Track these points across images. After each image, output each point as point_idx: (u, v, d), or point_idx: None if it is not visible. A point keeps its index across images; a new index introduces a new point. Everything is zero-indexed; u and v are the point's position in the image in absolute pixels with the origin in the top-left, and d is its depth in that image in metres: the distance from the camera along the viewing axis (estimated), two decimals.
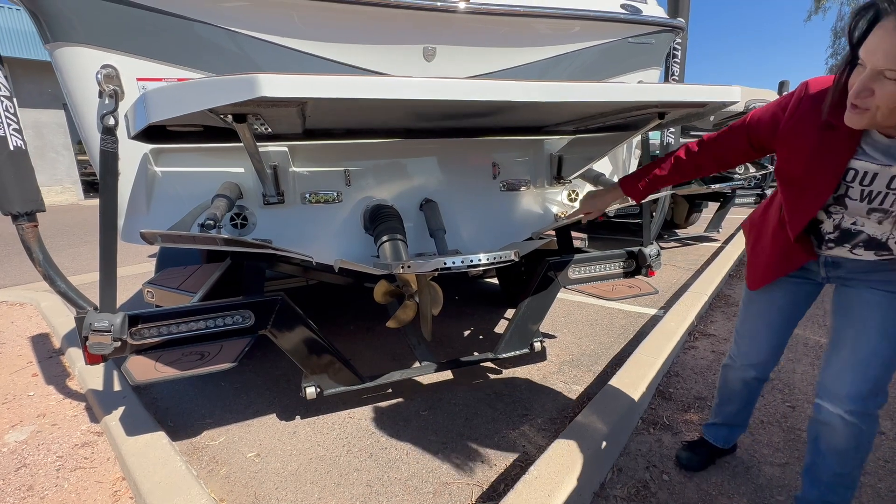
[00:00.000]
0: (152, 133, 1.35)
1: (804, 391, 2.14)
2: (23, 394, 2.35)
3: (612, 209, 2.04)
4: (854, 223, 1.13)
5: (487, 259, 1.34)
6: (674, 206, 5.94)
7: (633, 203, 1.81)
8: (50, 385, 2.44)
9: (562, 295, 3.66)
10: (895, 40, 0.84)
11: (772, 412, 2.00)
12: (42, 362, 2.73)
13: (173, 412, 2.15)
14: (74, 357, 2.61)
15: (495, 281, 3.91)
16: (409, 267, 1.37)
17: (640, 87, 1.11)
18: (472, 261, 1.32)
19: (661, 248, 5.42)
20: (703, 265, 4.36)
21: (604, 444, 1.66)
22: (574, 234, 2.58)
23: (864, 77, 0.91)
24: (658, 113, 1.36)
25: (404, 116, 1.32)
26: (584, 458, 1.56)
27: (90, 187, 14.32)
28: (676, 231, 6.20)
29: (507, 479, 1.63)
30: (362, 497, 1.59)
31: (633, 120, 1.48)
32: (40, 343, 3.02)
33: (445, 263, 1.32)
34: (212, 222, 1.25)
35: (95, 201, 13.73)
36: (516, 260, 1.49)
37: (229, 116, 1.00)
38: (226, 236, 1.26)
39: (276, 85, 0.80)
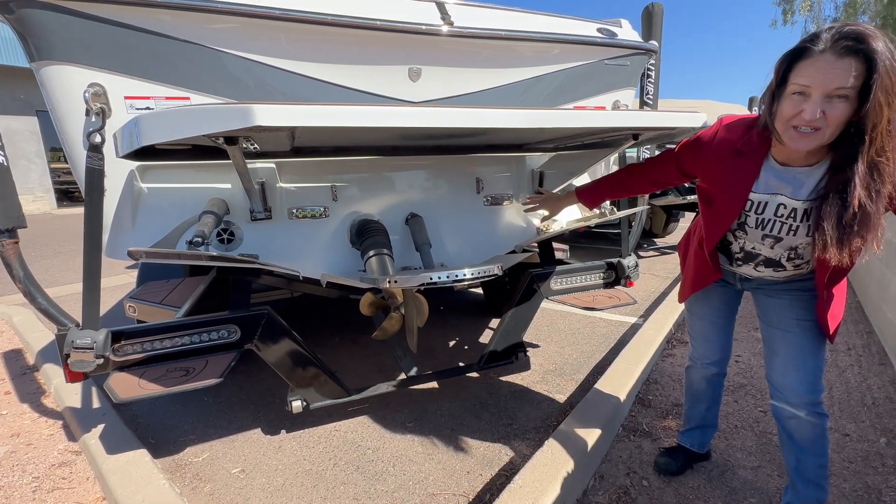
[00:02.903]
0: (140, 151, 1.36)
1: None
2: None
3: (592, 222, 2.11)
4: (753, 247, 1.32)
5: (472, 274, 1.38)
6: (652, 216, 6.11)
7: (611, 217, 1.89)
8: (24, 403, 2.37)
9: (545, 304, 3.73)
10: (840, 67, 0.98)
11: (745, 417, 2.08)
12: (15, 379, 2.64)
13: (155, 429, 2.12)
14: (50, 373, 2.54)
15: (480, 291, 3.96)
16: (395, 282, 1.40)
17: (614, 114, 1.18)
18: (457, 276, 1.36)
19: (640, 256, 5.57)
20: (679, 275, 4.50)
21: (586, 451, 1.71)
22: (556, 244, 2.65)
23: (816, 101, 1.02)
24: (632, 134, 1.44)
25: (391, 137, 1.37)
26: (568, 465, 1.60)
27: (64, 196, 13.89)
28: (655, 240, 6.37)
29: (493, 489, 1.66)
30: None
31: (610, 139, 1.56)
32: (13, 359, 2.93)
33: (431, 278, 1.36)
34: (200, 239, 1.26)
35: (69, 210, 13.33)
36: (500, 274, 1.53)
37: (221, 139, 1.03)
38: (212, 253, 1.27)
39: (270, 114, 0.83)
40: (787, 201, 1.20)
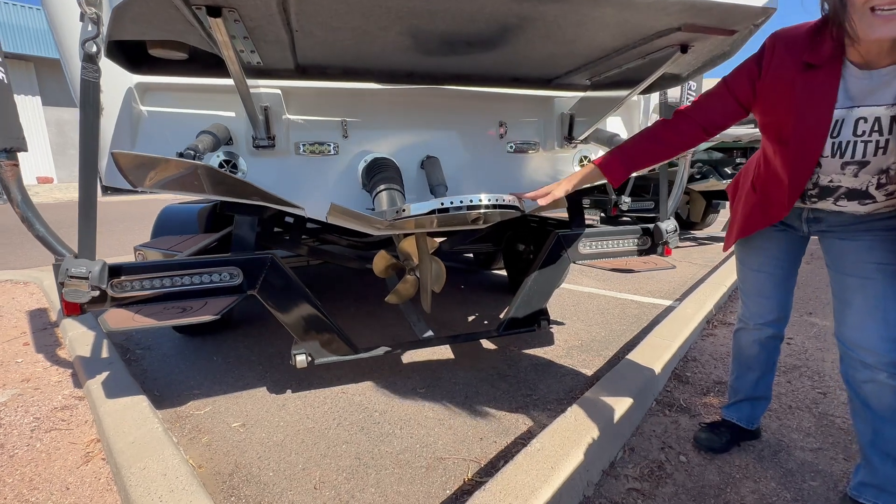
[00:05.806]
0: (134, 58, 1.28)
1: (835, 379, 1.96)
2: (11, 360, 2.29)
3: (625, 204, 1.90)
4: (831, 180, 1.11)
5: (489, 200, 1.22)
6: (690, 204, 5.75)
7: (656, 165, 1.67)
8: (39, 353, 2.38)
9: (570, 286, 3.52)
10: None
11: (801, 398, 1.83)
12: (35, 333, 2.67)
13: (161, 382, 2.06)
14: (67, 327, 2.55)
15: (503, 273, 3.79)
16: (404, 210, 1.26)
17: None
18: (471, 201, 1.21)
19: (677, 246, 5.23)
20: (720, 262, 4.17)
21: (614, 421, 1.52)
22: (587, 219, 2.44)
23: None
24: (680, 46, 1.24)
25: (401, 40, 1.22)
26: (592, 433, 1.42)
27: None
28: (692, 231, 6.00)
29: (507, 456, 1.49)
30: (350, 469, 1.47)
31: (652, 59, 1.36)
32: (37, 316, 2.98)
33: (443, 204, 1.21)
34: (191, 152, 1.16)
35: (113, 198, 13.98)
36: (522, 210, 1.37)
37: (203, 10, 0.91)
38: (207, 165, 1.17)
39: None
40: (867, 112, 0.99)
